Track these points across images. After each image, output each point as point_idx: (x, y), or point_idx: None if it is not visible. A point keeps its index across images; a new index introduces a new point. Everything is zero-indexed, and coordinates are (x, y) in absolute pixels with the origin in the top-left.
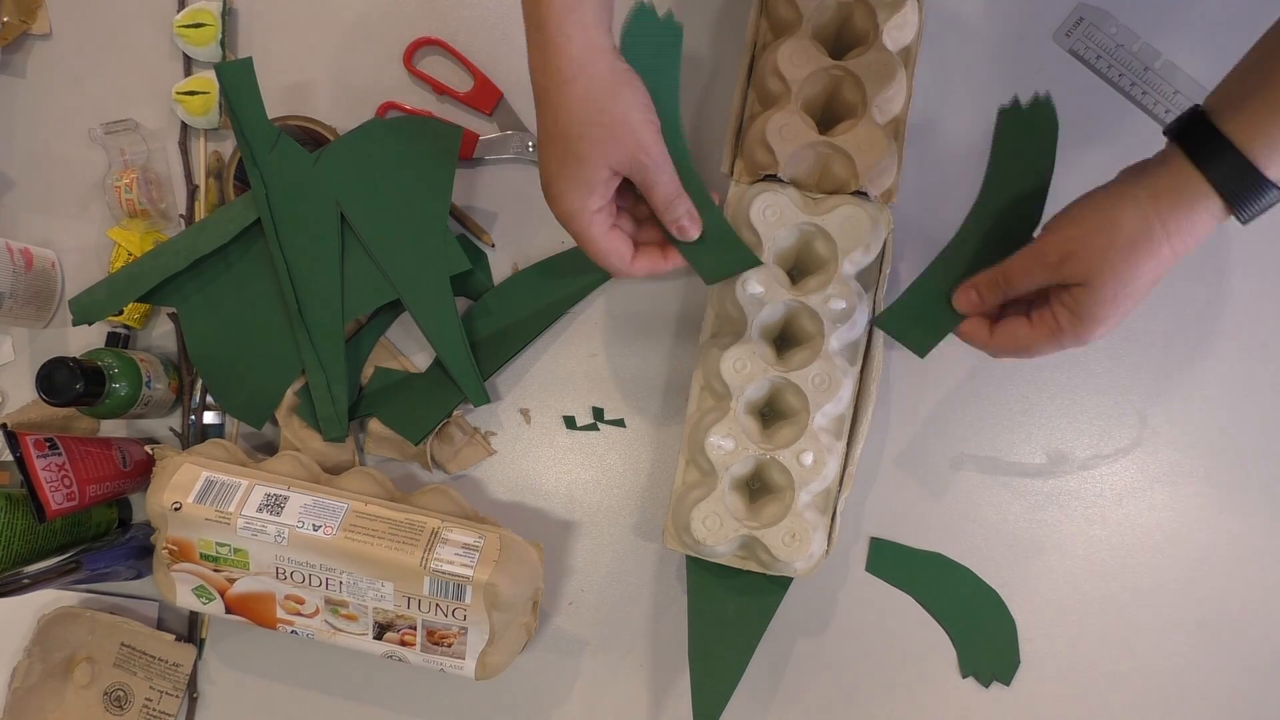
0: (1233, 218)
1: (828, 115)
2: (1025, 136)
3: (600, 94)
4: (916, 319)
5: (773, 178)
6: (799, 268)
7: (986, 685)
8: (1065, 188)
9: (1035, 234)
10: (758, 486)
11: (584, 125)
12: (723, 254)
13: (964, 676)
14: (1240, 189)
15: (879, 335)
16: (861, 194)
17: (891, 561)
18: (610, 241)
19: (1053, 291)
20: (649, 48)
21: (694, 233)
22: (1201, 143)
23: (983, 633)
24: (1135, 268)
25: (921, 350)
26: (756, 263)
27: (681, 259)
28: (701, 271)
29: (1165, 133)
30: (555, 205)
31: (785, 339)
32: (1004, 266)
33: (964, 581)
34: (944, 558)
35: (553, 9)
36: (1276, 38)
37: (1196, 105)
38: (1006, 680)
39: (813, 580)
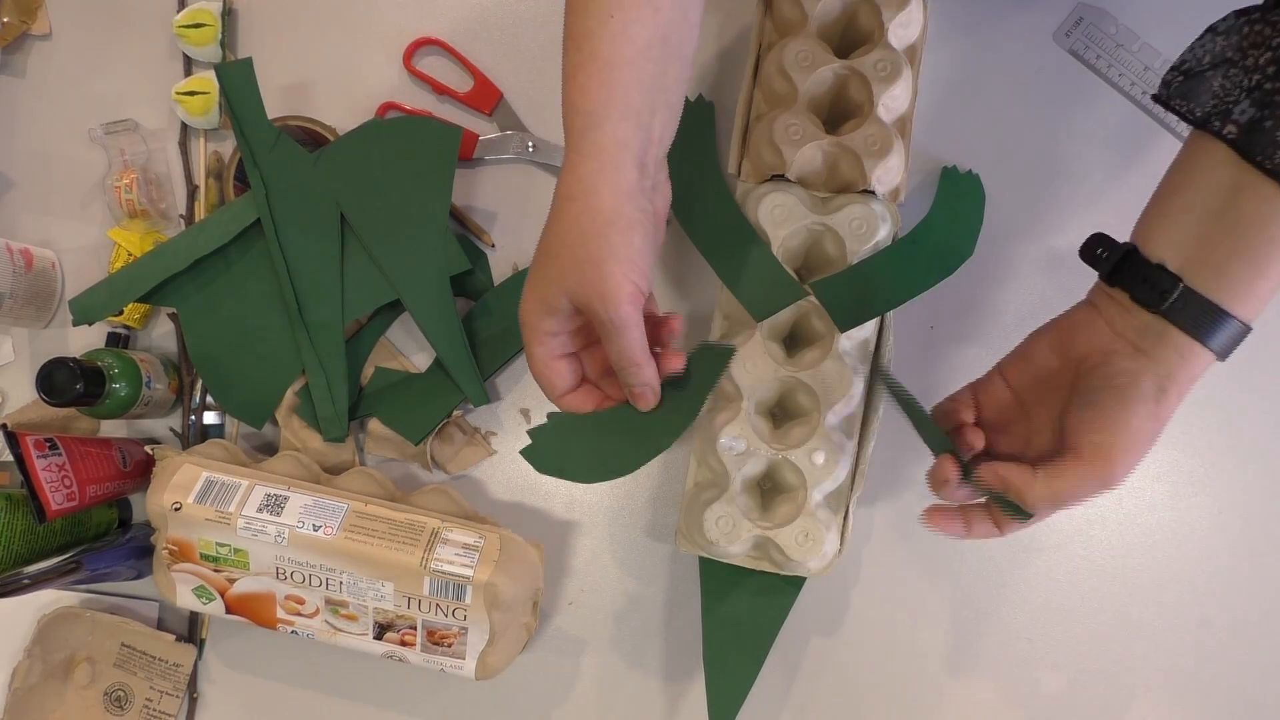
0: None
1: (834, 114)
2: (960, 192)
3: (588, 227)
4: (847, 295)
5: (780, 177)
6: (807, 267)
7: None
8: (1067, 186)
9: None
10: (769, 486)
11: (560, 248)
12: (771, 290)
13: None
14: (1236, 345)
15: (888, 333)
16: (869, 192)
17: None
18: (548, 368)
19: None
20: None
21: (651, 403)
22: (1203, 320)
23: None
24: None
25: (842, 325)
26: (803, 295)
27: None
28: (752, 310)
29: (1147, 307)
30: (520, 307)
31: (795, 338)
32: (1056, 487)
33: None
34: None
35: (577, 120)
36: (1215, 183)
37: (1142, 256)
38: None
39: (826, 580)
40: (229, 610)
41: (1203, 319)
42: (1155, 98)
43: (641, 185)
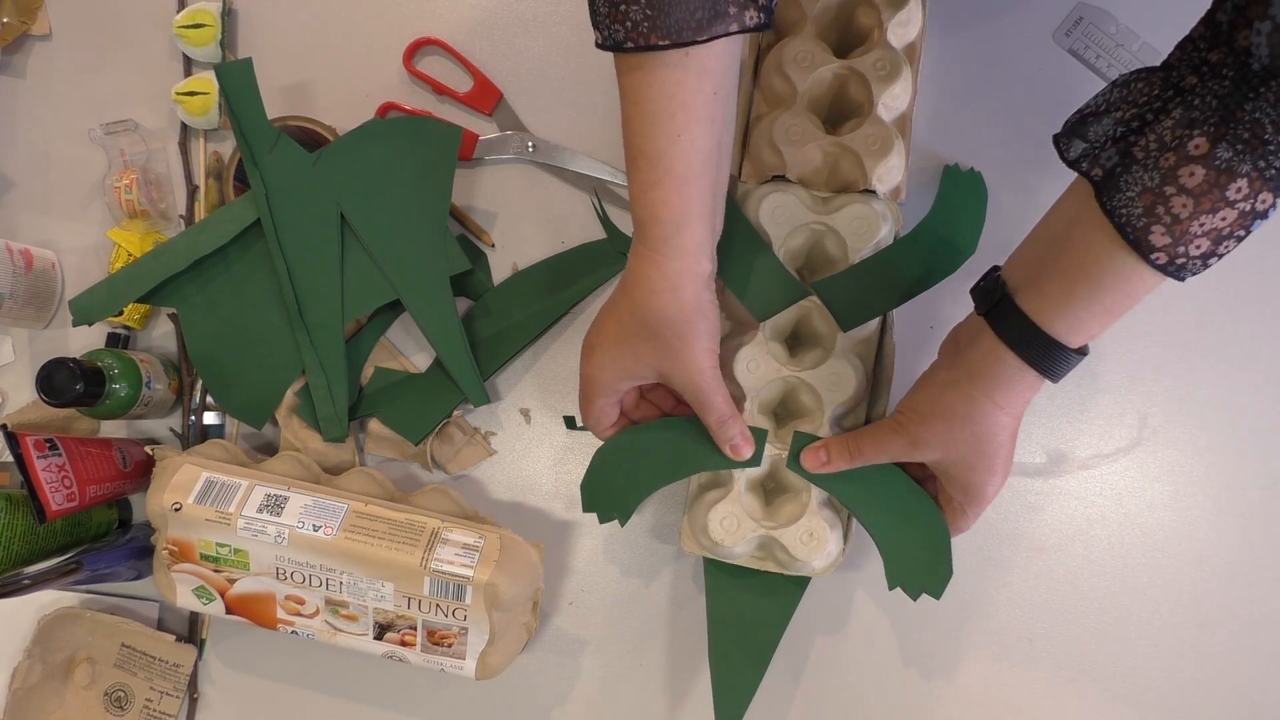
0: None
1: (834, 114)
2: (962, 190)
3: (678, 318)
4: (850, 295)
5: (781, 178)
6: (809, 267)
7: (915, 599)
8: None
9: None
10: (773, 486)
11: (653, 336)
12: (773, 290)
13: (890, 589)
14: (1050, 363)
15: (891, 332)
16: (870, 192)
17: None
18: (605, 415)
19: (936, 481)
20: None
21: (747, 452)
22: (1010, 326)
23: (912, 541)
24: (982, 439)
25: (845, 325)
26: (805, 295)
27: None
28: (754, 310)
29: (976, 311)
30: (587, 361)
31: (797, 338)
32: (855, 439)
33: (894, 484)
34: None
35: (658, 228)
36: (1064, 215)
37: (998, 274)
38: (936, 594)
39: (830, 579)
40: (229, 610)
41: (1014, 328)
42: (1055, 136)
43: (712, 273)
